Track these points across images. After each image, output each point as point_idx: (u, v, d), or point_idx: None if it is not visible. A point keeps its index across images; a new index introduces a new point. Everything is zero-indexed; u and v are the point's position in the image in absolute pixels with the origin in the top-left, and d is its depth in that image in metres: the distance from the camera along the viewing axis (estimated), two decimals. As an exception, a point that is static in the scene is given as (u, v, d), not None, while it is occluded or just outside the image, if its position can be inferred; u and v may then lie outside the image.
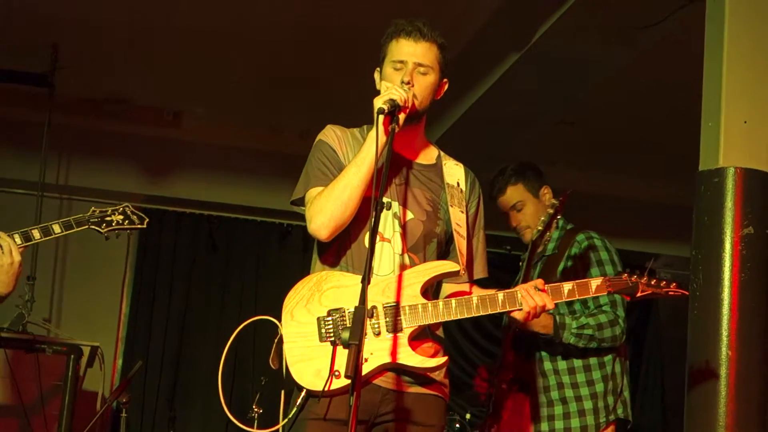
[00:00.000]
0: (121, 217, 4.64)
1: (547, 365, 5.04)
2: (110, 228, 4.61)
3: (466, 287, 3.85)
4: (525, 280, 5.00)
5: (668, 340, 10.06)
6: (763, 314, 4.55)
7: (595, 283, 3.73)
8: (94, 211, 4.59)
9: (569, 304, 4.93)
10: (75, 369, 7.27)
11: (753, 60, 4.76)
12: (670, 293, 3.78)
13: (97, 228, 4.59)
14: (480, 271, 3.91)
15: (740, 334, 4.44)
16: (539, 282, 3.68)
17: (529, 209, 5.15)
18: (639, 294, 3.76)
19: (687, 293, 3.85)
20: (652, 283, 3.76)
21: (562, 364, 5.00)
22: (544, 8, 6.48)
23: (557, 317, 4.87)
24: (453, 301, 3.61)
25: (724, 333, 4.46)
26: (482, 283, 3.90)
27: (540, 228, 5.02)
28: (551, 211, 4.99)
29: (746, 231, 4.50)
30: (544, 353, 5.04)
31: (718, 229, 4.54)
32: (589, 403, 4.95)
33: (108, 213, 4.62)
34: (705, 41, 4.85)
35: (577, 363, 4.99)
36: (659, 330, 10.31)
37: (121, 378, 8.92)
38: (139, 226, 4.69)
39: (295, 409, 3.52)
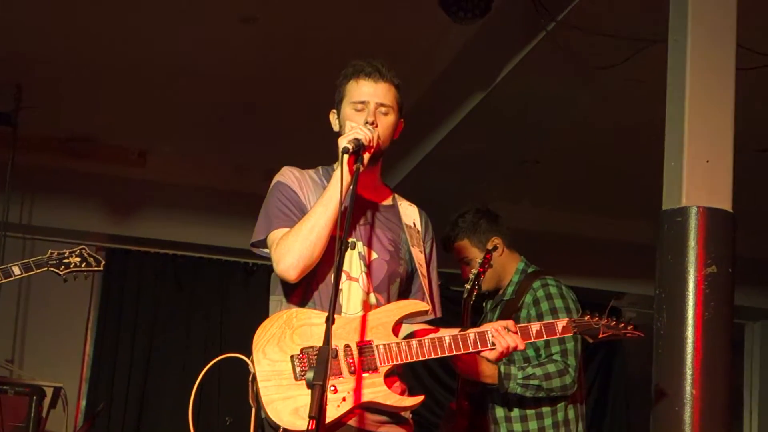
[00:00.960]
0: (78, 259, 4.63)
1: (499, 412, 5.02)
2: (68, 270, 4.60)
3: (429, 326, 3.85)
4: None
5: (633, 379, 10.08)
6: (726, 353, 4.56)
7: (561, 324, 3.76)
8: (52, 253, 4.58)
9: (525, 349, 4.93)
10: (38, 410, 7.20)
11: (714, 99, 4.79)
12: (628, 335, 3.81)
13: (55, 270, 4.58)
14: (437, 311, 3.91)
15: (704, 373, 4.44)
16: (510, 323, 3.70)
17: (477, 263, 5.14)
18: (601, 335, 3.79)
19: (642, 335, 3.85)
20: (612, 324, 3.79)
21: (514, 412, 4.97)
22: (508, 49, 6.52)
23: (502, 368, 4.84)
24: (426, 339, 3.62)
25: (688, 372, 4.46)
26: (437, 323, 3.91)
27: (468, 286, 5.06)
28: (474, 272, 5.05)
29: (710, 270, 4.51)
30: (496, 400, 5.02)
31: (681, 267, 4.55)
32: None
33: (66, 255, 4.61)
34: (667, 81, 4.88)
35: (529, 411, 4.95)
36: (624, 369, 10.34)
37: (85, 419, 8.84)
38: (96, 268, 4.69)
39: None
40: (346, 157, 3.51)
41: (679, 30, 4.85)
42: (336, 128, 3.80)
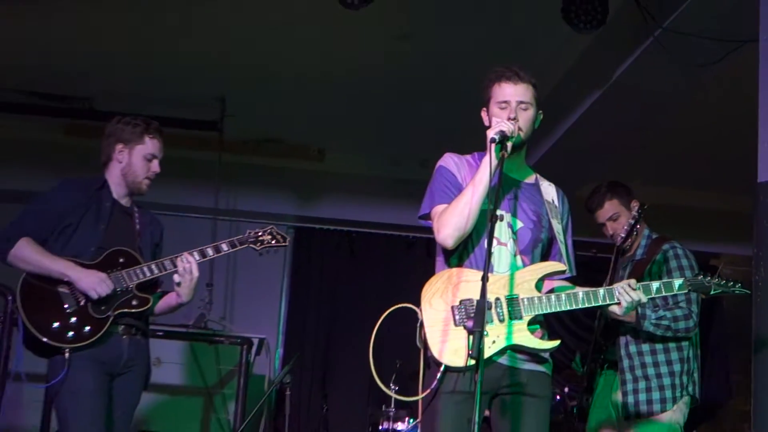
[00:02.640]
0: (269, 237, 4.78)
1: (633, 348, 5.02)
2: (263, 246, 4.76)
3: (565, 283, 3.88)
4: (614, 279, 5.00)
5: (732, 324, 9.83)
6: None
7: (677, 282, 3.79)
8: (249, 232, 4.75)
9: (652, 298, 4.90)
10: (246, 357, 7.42)
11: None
12: (736, 292, 3.81)
13: (253, 246, 4.75)
14: (573, 270, 3.93)
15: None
16: (632, 281, 3.73)
17: (623, 219, 5.15)
18: (712, 292, 3.81)
19: (749, 292, 3.86)
20: (722, 283, 3.81)
21: (645, 347, 5.00)
22: (621, 52, 6.45)
23: (639, 309, 4.85)
24: (563, 294, 3.68)
25: (784, 318, 4.39)
26: (571, 280, 3.93)
27: (622, 235, 5.06)
28: (632, 221, 5.04)
29: (800, 231, 4.42)
30: (630, 338, 5.03)
31: (776, 230, 4.47)
32: (667, 380, 4.95)
33: (260, 234, 4.76)
34: (759, 73, 4.78)
35: (659, 346, 4.98)
36: (722, 320, 10.08)
37: (283, 364, 9.03)
38: (282, 244, 4.84)
39: (435, 382, 3.57)
40: (493, 145, 3.58)
41: (768, 30, 4.76)
42: (486, 123, 3.83)
